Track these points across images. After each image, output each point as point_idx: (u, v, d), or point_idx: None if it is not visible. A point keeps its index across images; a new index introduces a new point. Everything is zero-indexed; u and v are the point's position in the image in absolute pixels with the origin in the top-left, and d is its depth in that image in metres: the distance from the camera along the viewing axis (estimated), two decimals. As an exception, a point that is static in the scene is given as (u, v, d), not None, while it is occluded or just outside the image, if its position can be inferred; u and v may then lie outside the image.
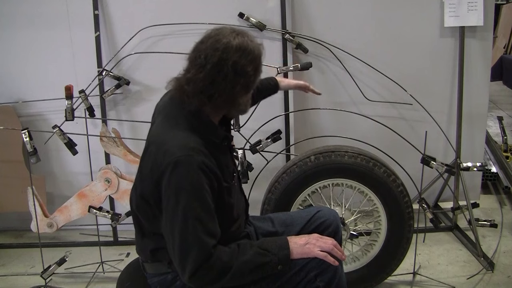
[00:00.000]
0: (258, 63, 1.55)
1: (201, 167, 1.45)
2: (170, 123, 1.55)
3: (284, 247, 1.58)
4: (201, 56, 1.49)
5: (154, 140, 1.55)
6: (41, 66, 3.04)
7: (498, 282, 2.52)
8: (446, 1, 2.91)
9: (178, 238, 1.44)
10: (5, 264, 2.93)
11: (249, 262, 1.51)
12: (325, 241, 1.63)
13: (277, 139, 2.53)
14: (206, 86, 1.49)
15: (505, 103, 6.61)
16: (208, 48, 1.49)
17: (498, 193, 3.64)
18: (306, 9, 2.99)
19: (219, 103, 1.53)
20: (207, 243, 1.45)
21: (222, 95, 1.51)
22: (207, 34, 1.54)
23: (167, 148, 1.47)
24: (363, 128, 2.95)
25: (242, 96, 1.57)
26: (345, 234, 2.29)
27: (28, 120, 3.08)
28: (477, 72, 3.07)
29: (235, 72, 1.48)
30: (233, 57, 1.47)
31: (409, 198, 2.33)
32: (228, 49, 1.47)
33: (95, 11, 2.90)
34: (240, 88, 1.53)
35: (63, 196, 3.01)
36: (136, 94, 3.05)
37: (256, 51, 1.53)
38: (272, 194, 2.35)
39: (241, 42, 1.49)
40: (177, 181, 1.43)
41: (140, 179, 1.58)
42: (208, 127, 1.56)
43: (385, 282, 2.45)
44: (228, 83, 1.49)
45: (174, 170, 1.43)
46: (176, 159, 1.43)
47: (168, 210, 1.46)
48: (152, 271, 1.66)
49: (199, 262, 1.43)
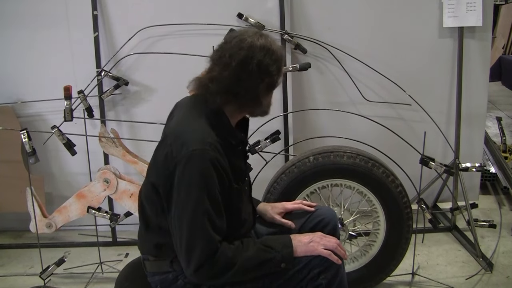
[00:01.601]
0: (281, 63, 1.60)
1: (214, 163, 1.47)
2: (190, 117, 1.58)
3: (288, 245, 1.60)
4: (225, 55, 1.52)
5: (172, 131, 1.57)
6: (40, 67, 3.03)
7: (497, 282, 2.52)
8: (445, 1, 2.91)
9: (185, 231, 1.45)
10: (4, 264, 2.92)
11: (253, 259, 1.53)
12: (329, 240, 1.65)
13: (276, 139, 2.52)
14: (232, 84, 1.52)
15: (504, 104, 6.61)
16: (233, 47, 1.52)
17: (497, 194, 3.64)
18: (305, 10, 2.99)
19: (244, 101, 1.57)
20: (214, 237, 1.46)
21: (247, 93, 1.54)
22: (230, 35, 1.59)
23: (185, 140, 1.48)
24: (362, 128, 2.95)
25: (266, 96, 1.61)
26: (344, 234, 2.30)
27: (27, 121, 3.08)
28: (476, 72, 3.08)
29: (259, 70, 1.52)
30: (258, 56, 1.51)
31: (408, 198, 2.33)
32: (253, 48, 1.51)
33: (94, 12, 2.89)
34: (264, 87, 1.57)
35: (62, 197, 3.00)
36: (135, 95, 3.05)
37: (279, 52, 1.58)
38: (271, 195, 2.35)
39: (265, 42, 1.54)
40: (190, 174, 1.45)
41: (153, 168, 1.59)
42: (226, 128, 1.58)
43: (384, 283, 2.45)
44: (253, 81, 1.53)
45: (189, 162, 1.45)
46: (192, 152, 1.45)
47: (178, 202, 1.47)
48: (153, 269, 1.66)
49: (205, 256, 1.45)
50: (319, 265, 1.61)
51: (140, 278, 1.69)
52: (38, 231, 2.66)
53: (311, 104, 3.10)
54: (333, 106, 3.05)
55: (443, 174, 2.81)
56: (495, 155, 3.91)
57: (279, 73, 1.60)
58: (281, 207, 1.91)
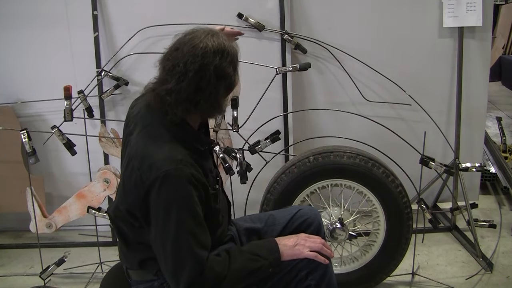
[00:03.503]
0: (236, 62, 1.54)
1: (190, 179, 1.42)
2: (151, 134, 1.50)
3: (274, 250, 1.59)
4: (179, 64, 1.44)
5: (136, 154, 1.47)
6: (40, 67, 3.03)
7: (497, 282, 2.52)
8: (445, 1, 2.91)
9: (170, 253, 1.41)
10: (4, 264, 2.92)
11: (242, 270, 1.51)
12: (314, 241, 1.64)
13: (276, 139, 2.52)
14: (190, 95, 1.46)
15: (504, 104, 6.61)
16: (185, 55, 1.44)
17: (497, 194, 3.64)
18: (305, 10, 2.99)
19: (205, 109, 1.51)
20: (201, 256, 1.43)
21: (208, 101, 1.49)
22: (179, 39, 1.50)
23: (153, 161, 1.42)
24: (362, 128, 2.95)
25: (225, 97, 1.56)
26: (344, 234, 2.30)
27: (27, 121, 3.08)
28: (476, 72, 3.08)
29: (217, 76, 1.46)
30: (214, 61, 1.45)
31: (408, 198, 2.33)
32: (207, 53, 1.44)
33: (94, 12, 2.89)
34: (223, 91, 1.52)
35: (62, 197, 3.00)
36: (135, 95, 3.00)
37: (233, 50, 1.52)
38: (271, 195, 2.35)
39: (218, 44, 1.47)
40: (167, 195, 1.40)
41: (123, 194, 1.53)
42: (192, 136, 1.54)
43: (384, 283, 2.45)
44: (212, 88, 1.47)
45: (163, 184, 1.39)
46: (164, 173, 1.39)
47: (158, 224, 1.42)
48: (137, 278, 1.63)
49: (193, 276, 1.41)
50: (306, 267, 1.60)
51: (124, 284, 1.66)
52: (38, 231, 2.66)
53: (311, 104, 3.10)
54: (333, 106, 3.05)
55: (443, 174, 2.81)
56: (495, 155, 3.90)
57: (236, 72, 1.54)
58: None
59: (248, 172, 2.51)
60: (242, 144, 2.60)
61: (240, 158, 2.50)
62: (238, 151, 2.52)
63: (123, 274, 1.68)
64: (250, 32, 2.87)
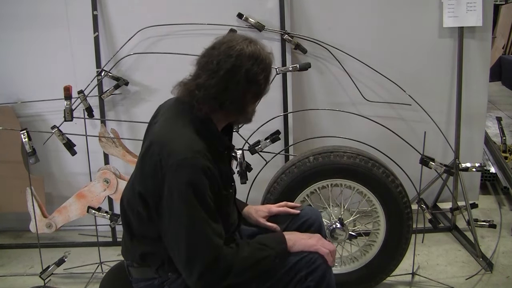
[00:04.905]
0: (269, 72, 1.56)
1: (205, 170, 1.44)
2: (176, 123, 1.53)
3: (281, 241, 1.60)
4: (213, 61, 1.48)
5: (157, 139, 1.50)
6: (40, 67, 3.03)
7: (497, 282, 2.52)
8: (445, 1, 2.91)
9: (184, 241, 1.42)
10: (4, 264, 2.92)
11: (249, 258, 1.52)
12: (328, 244, 1.65)
13: (276, 139, 2.52)
14: (218, 93, 1.48)
15: (504, 104, 6.61)
16: (220, 54, 1.48)
17: (497, 194, 3.64)
18: (305, 10, 2.99)
19: (230, 110, 1.54)
20: (217, 243, 1.44)
21: (234, 103, 1.51)
22: (218, 40, 1.54)
23: (173, 148, 1.44)
24: (362, 128, 2.95)
25: (251, 104, 1.58)
26: (344, 234, 2.30)
27: (27, 121, 3.08)
28: (476, 72, 3.08)
29: (247, 80, 1.49)
30: (246, 65, 1.47)
31: (408, 198, 2.33)
32: (242, 56, 1.47)
33: (94, 12, 2.89)
34: (251, 96, 1.54)
35: (62, 197, 3.00)
36: (135, 95, 3.05)
37: (268, 60, 1.54)
38: (271, 195, 2.35)
39: (254, 50, 1.50)
40: (182, 182, 1.41)
41: (140, 179, 1.54)
42: (214, 135, 1.56)
43: (384, 283, 2.45)
44: (240, 91, 1.50)
45: (179, 171, 1.41)
46: (181, 160, 1.41)
47: (171, 212, 1.43)
48: (138, 275, 1.63)
49: (207, 263, 1.42)
50: (305, 267, 1.60)
51: (125, 283, 1.66)
52: (38, 231, 2.66)
53: (311, 104, 3.11)
54: (333, 106, 3.05)
55: (443, 174, 2.81)
56: (495, 155, 3.91)
57: (267, 82, 1.56)
58: (265, 210, 1.89)
59: (248, 172, 2.51)
60: (242, 144, 2.60)
61: (240, 158, 2.50)
62: (238, 151, 2.52)
63: (123, 274, 1.68)
64: (250, 32, 2.87)
